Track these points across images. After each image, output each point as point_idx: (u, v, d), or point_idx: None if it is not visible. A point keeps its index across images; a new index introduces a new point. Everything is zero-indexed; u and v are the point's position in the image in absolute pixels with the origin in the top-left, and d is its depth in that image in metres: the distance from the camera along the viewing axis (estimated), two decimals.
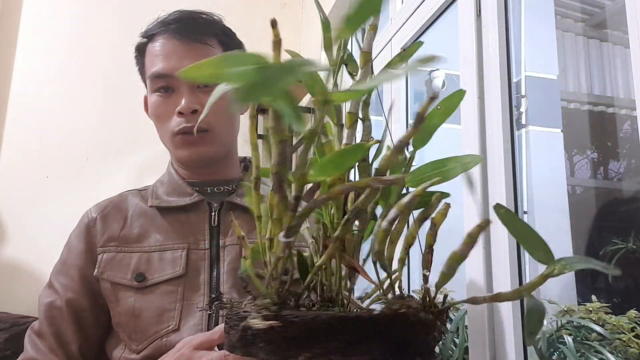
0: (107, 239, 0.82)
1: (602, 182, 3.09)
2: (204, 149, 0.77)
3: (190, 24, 0.78)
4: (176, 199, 0.80)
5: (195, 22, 0.78)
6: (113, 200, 0.88)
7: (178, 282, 0.72)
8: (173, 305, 0.72)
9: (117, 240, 0.81)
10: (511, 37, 1.16)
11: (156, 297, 0.73)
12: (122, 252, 0.79)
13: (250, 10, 2.80)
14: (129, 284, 0.75)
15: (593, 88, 3.09)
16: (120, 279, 0.76)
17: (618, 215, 2.71)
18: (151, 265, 0.75)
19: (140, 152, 2.40)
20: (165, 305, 0.72)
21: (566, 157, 2.81)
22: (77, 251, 0.84)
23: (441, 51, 1.73)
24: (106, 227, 0.84)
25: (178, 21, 0.79)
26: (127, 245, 0.79)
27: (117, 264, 0.78)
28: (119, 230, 0.82)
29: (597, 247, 2.51)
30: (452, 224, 1.44)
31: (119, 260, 0.78)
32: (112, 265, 0.78)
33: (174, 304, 0.72)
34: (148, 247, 0.77)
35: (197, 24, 0.79)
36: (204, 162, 0.79)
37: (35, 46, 2.35)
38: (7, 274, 2.11)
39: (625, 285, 2.36)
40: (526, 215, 2.35)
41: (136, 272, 0.75)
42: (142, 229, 0.80)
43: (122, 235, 0.81)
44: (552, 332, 1.59)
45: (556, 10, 2.97)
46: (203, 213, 0.77)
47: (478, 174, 1.15)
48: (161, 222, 0.79)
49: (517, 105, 2.44)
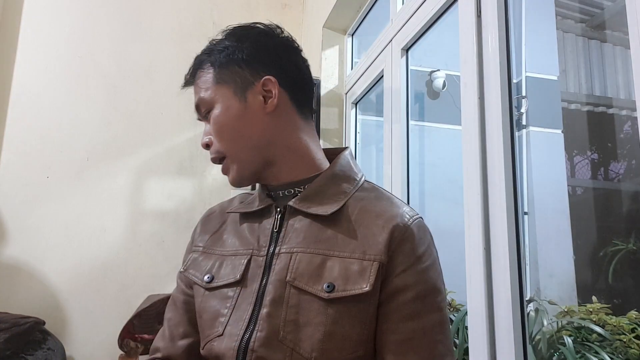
0: (200, 240, 0.84)
1: (602, 183, 3.09)
2: (231, 175, 0.76)
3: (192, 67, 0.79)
4: (250, 205, 0.80)
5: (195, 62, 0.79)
6: (223, 203, 0.88)
7: (235, 288, 0.72)
8: (225, 311, 0.71)
9: (207, 242, 0.82)
10: (511, 38, 1.16)
11: (215, 300, 0.73)
12: (205, 253, 0.80)
13: (251, 11, 2.80)
14: (201, 283, 0.76)
15: (593, 89, 3.09)
16: (196, 278, 0.78)
17: (618, 216, 2.71)
18: (221, 269, 0.75)
19: (140, 152, 2.41)
20: (220, 309, 0.72)
21: (566, 157, 2.81)
22: (187, 247, 0.88)
23: (441, 52, 1.75)
24: (203, 229, 0.85)
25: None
26: (211, 248, 0.81)
27: (198, 264, 0.80)
28: (212, 233, 0.83)
29: (598, 248, 2.51)
30: (453, 224, 1.45)
31: (201, 261, 0.80)
32: (194, 264, 0.80)
33: (227, 309, 0.71)
34: (225, 251, 0.78)
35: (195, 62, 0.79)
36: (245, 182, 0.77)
37: (36, 47, 2.35)
38: (7, 274, 2.12)
39: (626, 286, 2.36)
40: (526, 216, 2.35)
41: (209, 273, 0.76)
42: (227, 234, 0.80)
43: (212, 238, 0.82)
44: (552, 332, 1.59)
45: (557, 11, 2.97)
46: (270, 218, 0.75)
47: (478, 174, 1.15)
48: (240, 227, 0.79)
49: (518, 106, 2.44)
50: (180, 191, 2.43)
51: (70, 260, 2.18)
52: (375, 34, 1.99)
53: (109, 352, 2.08)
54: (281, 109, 0.74)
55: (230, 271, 0.73)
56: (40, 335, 1.86)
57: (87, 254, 2.20)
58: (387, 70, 1.79)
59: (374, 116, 2.26)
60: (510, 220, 1.05)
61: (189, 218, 2.40)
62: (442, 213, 2.33)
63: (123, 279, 2.20)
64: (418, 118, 2.68)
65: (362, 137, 2.24)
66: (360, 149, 2.22)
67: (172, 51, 2.55)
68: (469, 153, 1.18)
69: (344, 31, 2.42)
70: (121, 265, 2.22)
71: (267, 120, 0.73)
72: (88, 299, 2.15)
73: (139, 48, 2.49)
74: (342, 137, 2.28)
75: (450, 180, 2.21)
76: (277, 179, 0.76)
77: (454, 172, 1.33)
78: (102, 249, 2.23)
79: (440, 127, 2.69)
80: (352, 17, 2.30)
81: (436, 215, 2.37)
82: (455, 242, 1.19)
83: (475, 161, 1.15)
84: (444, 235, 2.56)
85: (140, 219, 2.30)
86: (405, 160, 1.62)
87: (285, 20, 2.87)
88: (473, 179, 1.15)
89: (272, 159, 0.75)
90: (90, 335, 2.13)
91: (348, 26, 2.38)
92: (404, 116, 1.65)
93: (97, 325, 2.14)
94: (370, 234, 0.66)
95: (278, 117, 0.74)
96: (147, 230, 2.29)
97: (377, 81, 1.95)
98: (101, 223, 2.25)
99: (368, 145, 2.28)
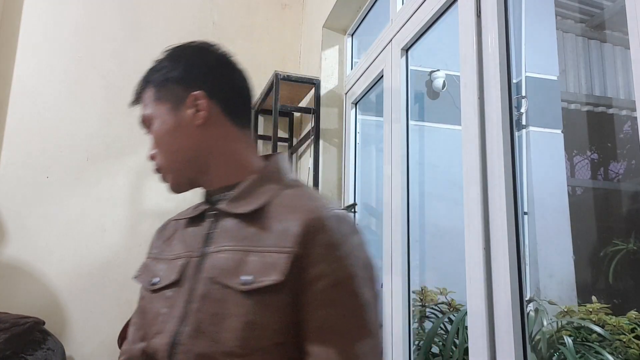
0: (154, 247, 0.90)
1: (602, 183, 3.09)
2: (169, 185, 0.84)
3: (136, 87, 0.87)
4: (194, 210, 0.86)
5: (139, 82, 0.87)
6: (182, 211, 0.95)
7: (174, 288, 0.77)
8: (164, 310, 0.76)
9: (159, 248, 0.88)
10: (511, 38, 1.16)
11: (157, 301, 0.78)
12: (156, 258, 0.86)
13: (251, 11, 2.80)
14: (147, 286, 0.82)
15: (593, 89, 3.09)
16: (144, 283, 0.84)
17: (618, 216, 2.72)
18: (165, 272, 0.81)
19: (141, 152, 2.40)
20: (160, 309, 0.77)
21: (566, 157, 2.81)
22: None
23: (441, 52, 1.76)
24: (159, 237, 0.91)
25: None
26: (161, 254, 0.86)
27: (148, 269, 0.86)
28: (165, 239, 0.89)
29: (598, 248, 2.51)
30: (453, 224, 1.45)
31: (151, 266, 0.86)
32: (145, 270, 0.87)
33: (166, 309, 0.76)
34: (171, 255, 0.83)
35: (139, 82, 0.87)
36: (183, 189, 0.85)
37: (36, 47, 2.35)
38: (7, 274, 2.12)
39: (626, 286, 2.36)
40: (526, 216, 2.35)
41: (156, 276, 0.82)
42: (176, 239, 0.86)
43: (163, 245, 0.88)
44: (552, 333, 1.59)
45: (556, 11, 2.97)
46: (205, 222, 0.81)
47: (478, 174, 1.15)
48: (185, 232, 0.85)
49: (517, 106, 2.44)
50: None
51: (70, 260, 2.18)
52: (375, 34, 2.00)
53: (109, 352, 2.08)
54: (213, 121, 0.80)
55: (170, 273, 0.79)
56: (40, 335, 1.86)
57: (87, 254, 2.20)
58: (387, 70, 1.79)
59: (374, 116, 2.26)
60: (510, 220, 1.05)
61: None
62: (442, 213, 2.33)
63: (123, 279, 2.20)
64: (418, 118, 2.68)
65: (362, 137, 2.24)
66: (360, 149, 2.22)
67: None
68: (468, 153, 1.18)
69: (344, 31, 2.42)
70: (121, 265, 2.22)
71: (199, 132, 0.79)
72: (88, 299, 2.16)
73: (139, 48, 2.49)
74: (342, 137, 2.28)
75: (450, 181, 2.21)
76: (212, 184, 0.82)
77: (454, 172, 1.33)
78: (102, 249, 2.23)
79: (440, 127, 2.69)
80: (352, 17, 2.30)
81: (436, 215, 2.37)
82: (455, 242, 1.19)
83: (475, 161, 1.15)
84: (444, 235, 2.55)
85: (140, 219, 2.30)
86: (405, 160, 1.62)
87: (285, 20, 2.88)
88: (473, 179, 1.15)
89: (206, 166, 0.81)
90: (90, 335, 2.13)
91: (348, 26, 2.38)
92: (403, 116, 1.65)
93: (97, 325, 2.14)
94: (286, 227, 0.70)
95: (210, 128, 0.80)
96: (147, 230, 2.29)
97: (377, 81, 1.95)
98: (101, 223, 2.25)
99: (368, 145, 2.28)
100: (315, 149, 2.20)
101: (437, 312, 1.89)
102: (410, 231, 1.56)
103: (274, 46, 2.79)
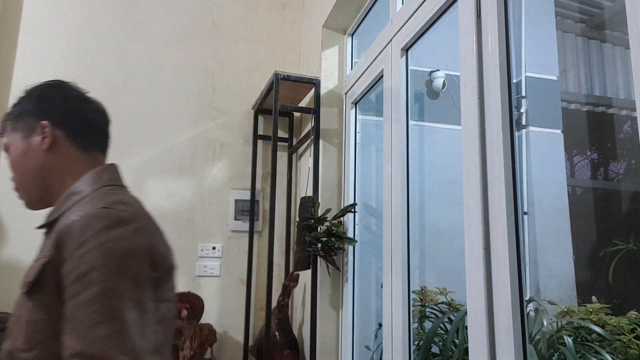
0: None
1: (602, 183, 3.09)
2: (24, 202, 0.97)
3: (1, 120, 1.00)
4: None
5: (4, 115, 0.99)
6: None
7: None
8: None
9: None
10: (511, 38, 1.16)
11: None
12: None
13: (251, 11, 2.80)
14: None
15: (593, 89, 3.09)
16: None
17: (618, 216, 2.72)
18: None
19: (140, 152, 2.40)
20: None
21: (566, 157, 2.81)
22: None
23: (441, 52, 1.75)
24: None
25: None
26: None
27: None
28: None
29: (597, 248, 2.51)
30: (453, 224, 1.44)
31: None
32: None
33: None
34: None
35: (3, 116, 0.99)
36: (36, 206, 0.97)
37: (35, 47, 2.35)
38: (7, 274, 2.11)
39: (626, 286, 2.36)
40: (526, 216, 2.35)
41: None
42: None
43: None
44: (552, 333, 1.59)
45: (556, 11, 2.97)
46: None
47: (478, 174, 1.15)
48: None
49: (517, 106, 2.45)
50: (180, 191, 2.43)
51: None
52: (375, 34, 2.00)
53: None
54: (58, 146, 0.93)
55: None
56: None
57: None
58: (387, 70, 1.79)
59: (374, 116, 2.26)
60: (510, 220, 1.05)
61: (189, 218, 2.40)
62: (442, 213, 2.33)
63: None
64: (418, 118, 2.68)
65: (362, 137, 2.24)
66: (360, 149, 2.22)
67: (172, 51, 2.55)
68: (468, 153, 1.18)
69: (344, 31, 2.42)
70: None
71: (44, 156, 0.93)
72: None
73: (139, 48, 2.49)
74: (341, 137, 2.28)
75: (450, 180, 2.21)
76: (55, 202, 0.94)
77: (454, 172, 1.33)
78: None
79: (440, 127, 2.69)
80: (352, 17, 2.30)
81: (436, 215, 2.37)
82: (455, 242, 1.19)
83: (475, 161, 1.15)
84: (444, 235, 2.55)
85: None
86: (405, 160, 1.62)
87: (285, 20, 2.88)
88: (473, 178, 1.15)
89: (50, 185, 0.94)
90: None
91: (348, 26, 2.38)
92: (403, 116, 1.65)
93: None
94: (52, 236, 0.81)
95: (55, 152, 0.93)
96: None
97: (377, 81, 1.95)
98: None
99: (368, 145, 2.28)
100: (315, 149, 2.20)
101: (437, 312, 1.89)
102: (410, 231, 1.56)
103: (274, 46, 2.79)
